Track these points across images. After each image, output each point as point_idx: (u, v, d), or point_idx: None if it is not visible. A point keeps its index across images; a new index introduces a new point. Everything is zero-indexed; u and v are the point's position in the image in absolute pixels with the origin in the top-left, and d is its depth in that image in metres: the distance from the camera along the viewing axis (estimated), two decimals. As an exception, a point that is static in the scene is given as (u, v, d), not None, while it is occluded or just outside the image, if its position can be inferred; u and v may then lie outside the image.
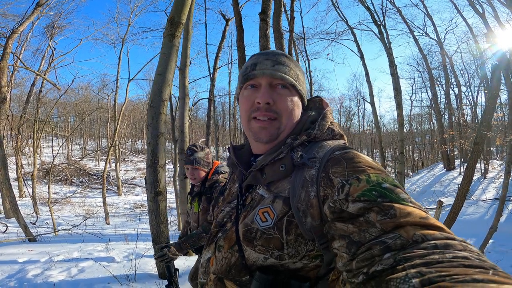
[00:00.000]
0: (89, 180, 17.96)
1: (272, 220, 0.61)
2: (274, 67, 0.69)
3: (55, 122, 17.27)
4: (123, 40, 13.88)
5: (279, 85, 0.69)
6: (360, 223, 0.48)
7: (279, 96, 0.69)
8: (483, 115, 5.17)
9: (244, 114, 0.72)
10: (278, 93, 0.69)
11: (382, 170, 0.57)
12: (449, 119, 16.75)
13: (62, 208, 12.38)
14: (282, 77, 0.68)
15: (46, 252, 4.38)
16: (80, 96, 26.69)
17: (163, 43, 3.03)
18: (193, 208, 2.15)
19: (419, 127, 29.82)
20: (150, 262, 3.85)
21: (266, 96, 0.67)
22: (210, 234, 0.79)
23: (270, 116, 0.68)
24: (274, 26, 5.30)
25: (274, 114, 0.68)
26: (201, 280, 0.77)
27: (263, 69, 0.69)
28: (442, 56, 15.12)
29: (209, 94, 10.67)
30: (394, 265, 0.40)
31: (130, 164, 25.01)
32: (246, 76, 0.71)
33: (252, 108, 0.70)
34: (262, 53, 0.73)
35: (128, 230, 8.39)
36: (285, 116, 0.69)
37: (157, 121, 3.19)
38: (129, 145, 33.15)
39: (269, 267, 0.61)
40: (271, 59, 0.70)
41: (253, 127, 0.70)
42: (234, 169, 0.79)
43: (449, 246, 0.40)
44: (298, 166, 0.63)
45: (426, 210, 0.49)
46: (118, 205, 14.17)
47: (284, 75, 0.69)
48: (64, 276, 3.46)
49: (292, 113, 0.70)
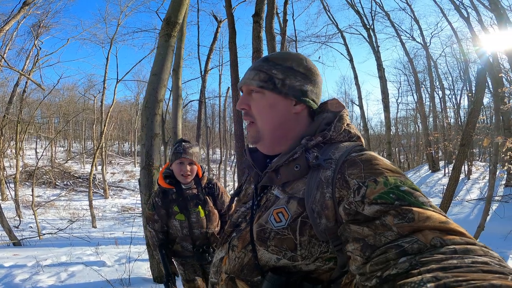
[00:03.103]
0: (74, 183, 17.50)
1: (286, 221, 0.61)
2: (248, 74, 0.73)
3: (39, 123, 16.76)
4: (111, 40, 13.65)
5: (251, 91, 0.73)
6: (376, 226, 0.48)
7: (253, 102, 0.73)
8: (469, 118, 5.34)
9: None
10: (252, 99, 0.73)
11: (401, 173, 0.56)
12: (434, 121, 17.22)
13: (46, 212, 12.01)
14: (249, 83, 0.72)
15: (32, 256, 4.24)
16: (65, 97, 26.02)
17: (159, 43, 2.99)
18: (199, 214, 1.90)
19: (404, 129, 30.50)
20: (143, 266, 3.77)
21: (239, 103, 0.74)
22: (224, 233, 0.79)
23: (248, 119, 0.74)
24: (267, 29, 5.34)
25: (250, 118, 0.73)
26: (212, 279, 0.76)
27: (242, 78, 0.75)
28: (428, 60, 15.55)
29: (200, 96, 10.61)
30: (410, 269, 0.40)
31: (117, 166, 24.54)
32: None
33: None
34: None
35: (116, 234, 8.21)
36: (258, 119, 0.72)
37: (152, 122, 3.15)
38: (116, 147, 32.53)
39: (282, 268, 0.61)
40: (251, 68, 0.75)
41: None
42: (250, 170, 0.80)
43: (469, 251, 0.39)
44: (314, 167, 0.63)
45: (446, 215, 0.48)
46: (105, 208, 13.86)
47: (251, 80, 0.72)
48: (54, 281, 3.35)
49: (264, 115, 0.72)
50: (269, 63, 0.73)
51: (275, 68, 0.71)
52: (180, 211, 1.88)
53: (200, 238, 1.93)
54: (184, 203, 1.88)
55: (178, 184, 1.89)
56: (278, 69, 0.71)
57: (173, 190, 1.89)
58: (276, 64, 0.72)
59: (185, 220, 1.89)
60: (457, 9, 8.88)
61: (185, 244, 1.94)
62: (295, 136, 0.72)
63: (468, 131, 4.79)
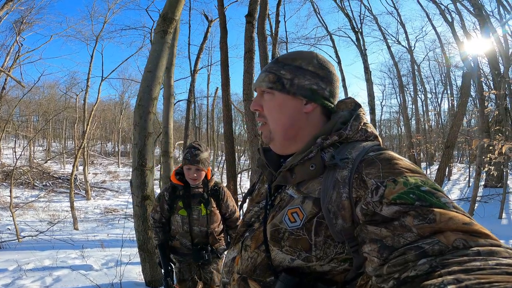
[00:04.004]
0: (53, 184, 16.87)
1: (301, 221, 0.60)
2: (260, 76, 0.74)
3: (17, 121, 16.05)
4: (97, 37, 13.28)
5: (263, 92, 0.74)
6: (395, 227, 0.46)
7: (264, 103, 0.74)
8: (454, 120, 5.53)
9: None
10: (264, 100, 0.74)
11: (422, 173, 0.54)
12: (416, 124, 17.74)
13: (25, 213, 11.51)
14: (259, 85, 0.74)
15: (13, 260, 4.05)
16: (46, 95, 25.11)
17: (154, 40, 2.92)
18: (200, 211, 2.03)
19: (388, 131, 31.29)
20: (134, 270, 3.65)
21: (253, 104, 0.76)
22: (236, 233, 0.77)
23: (261, 121, 0.75)
24: (259, 30, 5.33)
25: (263, 119, 0.74)
26: (224, 279, 0.75)
27: (256, 80, 0.76)
28: (412, 64, 16.03)
29: (189, 95, 10.47)
30: (430, 271, 0.38)
31: (100, 167, 23.87)
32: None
33: None
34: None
35: (100, 236, 7.97)
36: (269, 119, 0.73)
37: (146, 121, 3.06)
38: (99, 147, 31.66)
39: (295, 269, 0.60)
40: (263, 69, 0.76)
41: None
42: (264, 170, 0.79)
43: (494, 253, 0.38)
44: (329, 167, 0.61)
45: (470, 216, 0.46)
46: (87, 210, 13.42)
47: (261, 82, 0.73)
48: (38, 286, 3.20)
49: (274, 115, 0.72)
50: (278, 64, 0.73)
51: (283, 68, 0.72)
52: (184, 207, 2.01)
53: (199, 236, 2.03)
54: (188, 200, 2.01)
55: (186, 182, 2.03)
56: (287, 69, 0.71)
57: (181, 186, 2.03)
58: (285, 64, 0.72)
59: (186, 216, 2.01)
60: (442, 14, 9.18)
61: (184, 241, 2.03)
62: (308, 135, 0.71)
63: (454, 133, 4.96)
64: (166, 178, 5.32)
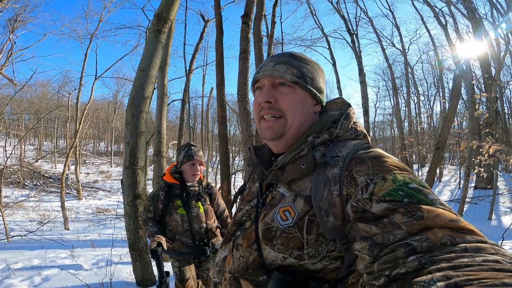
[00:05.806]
0: (44, 183, 16.63)
1: (293, 219, 0.60)
2: (274, 67, 0.71)
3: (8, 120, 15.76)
4: (92, 36, 13.14)
5: (280, 84, 0.71)
6: (384, 224, 0.47)
7: (281, 95, 0.70)
8: (444, 122, 5.61)
9: (255, 115, 0.75)
10: (280, 92, 0.70)
11: (410, 171, 0.55)
12: (409, 126, 17.93)
13: (14, 213, 11.34)
14: (281, 76, 0.70)
15: (2, 259, 4.01)
16: (38, 93, 24.73)
17: (148, 39, 2.91)
18: (198, 209, 2.08)
19: (381, 133, 31.56)
20: (125, 269, 3.62)
21: (266, 95, 0.70)
22: (227, 232, 0.77)
23: (274, 114, 0.70)
24: (255, 30, 5.34)
25: (278, 112, 0.70)
26: (215, 279, 0.74)
27: (265, 70, 0.72)
28: (405, 66, 16.20)
29: (184, 95, 10.42)
30: (419, 268, 0.39)
31: (92, 166, 23.61)
32: (253, 79, 0.76)
33: (259, 108, 0.72)
34: (271, 56, 0.76)
35: (92, 236, 7.88)
36: (289, 113, 0.70)
37: (138, 120, 3.05)
38: (91, 146, 31.30)
39: (287, 267, 0.60)
40: (274, 60, 0.73)
41: (261, 126, 0.73)
42: (255, 168, 0.79)
43: (480, 249, 0.38)
44: (320, 165, 0.62)
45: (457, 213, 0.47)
46: (78, 210, 13.26)
47: (283, 73, 0.70)
48: (27, 285, 3.16)
49: (296, 110, 0.70)
50: (296, 59, 0.73)
51: (304, 66, 0.72)
52: (183, 205, 2.04)
53: (199, 233, 2.06)
54: (187, 198, 2.05)
55: (183, 181, 2.07)
56: (308, 68, 0.73)
57: (178, 185, 2.05)
58: (303, 62, 0.73)
59: (185, 214, 2.04)
60: (436, 17, 9.31)
61: (185, 240, 2.05)
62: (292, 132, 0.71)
63: (444, 135, 5.02)
64: (159, 178, 5.30)
